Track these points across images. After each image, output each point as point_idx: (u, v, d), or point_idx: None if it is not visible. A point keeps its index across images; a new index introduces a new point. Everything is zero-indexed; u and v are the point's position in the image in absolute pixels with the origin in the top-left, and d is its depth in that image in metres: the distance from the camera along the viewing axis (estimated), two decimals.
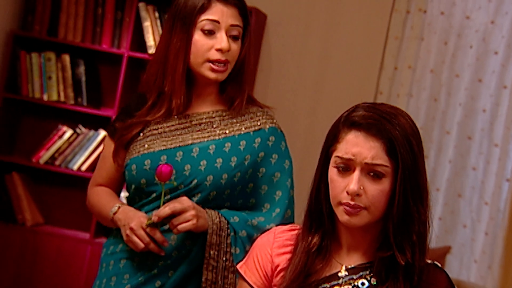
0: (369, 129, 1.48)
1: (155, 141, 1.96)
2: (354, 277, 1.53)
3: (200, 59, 1.87)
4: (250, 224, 1.94)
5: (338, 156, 1.52)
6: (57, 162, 3.96)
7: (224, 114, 1.98)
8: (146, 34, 3.89)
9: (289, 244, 1.60)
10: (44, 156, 3.97)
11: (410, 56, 4.01)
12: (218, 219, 1.91)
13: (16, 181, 4.01)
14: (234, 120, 1.97)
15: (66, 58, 4.00)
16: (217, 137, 1.95)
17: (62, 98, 3.97)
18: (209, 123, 1.96)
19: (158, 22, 3.88)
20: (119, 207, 1.95)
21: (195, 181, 1.92)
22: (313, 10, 4.07)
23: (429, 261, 1.53)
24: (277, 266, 1.60)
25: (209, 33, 1.85)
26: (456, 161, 4.02)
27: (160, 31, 3.86)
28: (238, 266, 1.66)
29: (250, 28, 1.92)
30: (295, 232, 1.62)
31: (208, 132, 1.96)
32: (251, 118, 2.00)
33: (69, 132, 3.97)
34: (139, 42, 3.94)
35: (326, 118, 4.04)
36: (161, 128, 1.96)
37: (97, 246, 3.85)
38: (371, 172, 1.49)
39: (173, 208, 1.85)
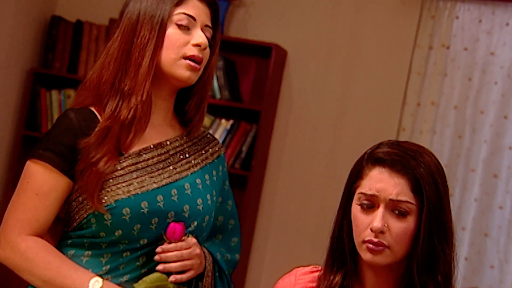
0: (394, 166, 1.45)
1: (144, 177, 1.64)
2: None
3: (175, 55, 1.65)
4: (226, 259, 1.78)
5: (362, 193, 1.48)
6: None
7: (186, 139, 1.74)
8: None
9: (311, 286, 1.56)
10: None
11: (433, 92, 3.96)
12: (211, 260, 1.72)
13: None
14: (198, 147, 1.76)
15: None
16: (196, 169, 1.72)
17: None
18: (181, 152, 1.72)
19: None
20: (100, 282, 1.58)
21: (195, 223, 1.69)
22: (334, 46, 4.04)
23: None
24: None
25: (185, 28, 1.66)
26: (482, 199, 3.93)
27: None
28: None
29: (218, 38, 1.74)
30: (317, 273, 1.58)
31: (186, 163, 1.72)
32: (208, 143, 1.79)
33: None
34: None
35: (347, 155, 3.98)
36: (142, 160, 1.65)
37: None
38: (396, 209, 1.45)
39: (180, 257, 1.62)
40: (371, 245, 1.44)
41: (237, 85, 3.97)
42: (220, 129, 3.89)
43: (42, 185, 1.59)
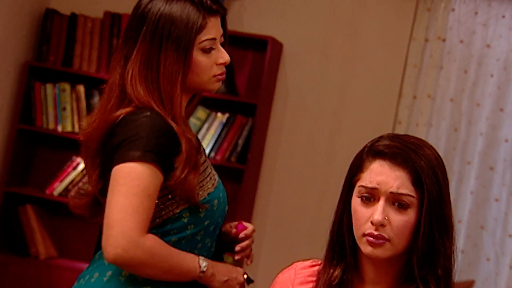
0: (395, 159, 1.44)
1: (211, 170, 1.81)
2: None
3: (206, 77, 1.77)
4: None
5: (362, 186, 1.47)
6: (72, 194, 3.91)
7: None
8: None
9: (311, 280, 1.55)
10: (58, 188, 3.93)
11: (430, 85, 3.95)
12: None
13: (29, 214, 3.96)
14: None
15: (81, 88, 3.97)
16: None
17: (77, 129, 3.94)
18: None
19: None
20: (205, 260, 1.76)
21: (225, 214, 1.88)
22: (331, 39, 4.03)
23: None
24: None
25: (209, 50, 1.76)
26: (478, 192, 3.93)
27: None
28: None
29: (227, 35, 1.84)
30: (316, 268, 1.56)
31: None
32: None
33: (83, 164, 3.93)
34: None
35: (344, 148, 3.98)
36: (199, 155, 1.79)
37: None
38: (396, 202, 1.44)
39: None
40: (371, 238, 1.43)
41: (233, 78, 3.96)
42: (216, 122, 3.88)
43: (150, 186, 1.65)
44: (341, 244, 1.50)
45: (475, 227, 3.95)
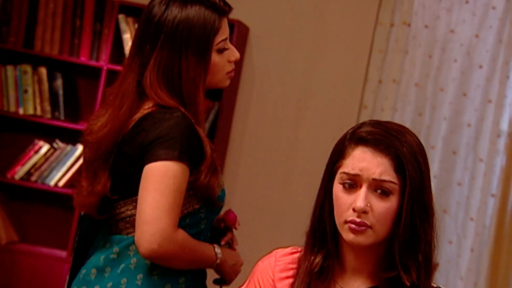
0: (377, 145, 1.44)
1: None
2: None
3: (221, 76, 1.85)
4: None
5: (344, 172, 1.46)
6: (33, 178, 3.85)
7: None
8: (126, 47, 3.81)
9: (291, 268, 1.54)
10: (20, 171, 3.86)
11: (395, 70, 3.97)
12: None
13: None
14: None
15: (43, 71, 3.90)
16: None
17: (39, 112, 3.87)
18: None
19: None
20: (218, 247, 1.89)
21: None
22: (297, 23, 4.01)
23: (434, 285, 1.48)
24: None
25: (223, 50, 1.84)
26: (441, 176, 3.98)
27: None
28: None
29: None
30: (297, 255, 1.56)
31: None
32: None
33: (45, 147, 3.87)
34: (118, 55, 3.85)
35: (310, 132, 3.98)
36: None
37: None
38: (378, 189, 1.44)
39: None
40: (353, 225, 1.43)
41: None
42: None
43: (182, 184, 1.72)
44: (323, 231, 1.49)
45: (438, 210, 3.90)
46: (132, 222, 1.78)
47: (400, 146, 1.43)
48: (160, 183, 1.69)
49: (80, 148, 3.83)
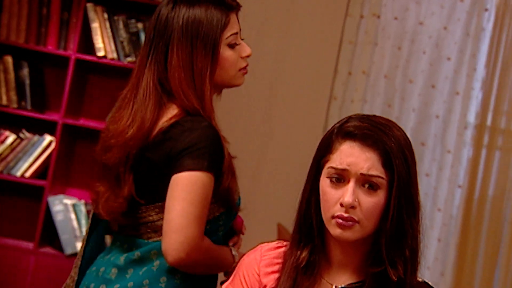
0: (365, 140, 1.43)
1: None
2: None
3: (233, 71, 1.89)
4: None
5: (332, 167, 1.45)
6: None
7: None
8: (95, 36, 3.76)
9: (277, 262, 1.53)
10: None
11: (364, 61, 3.99)
12: None
13: None
14: None
15: (9, 59, 3.82)
16: None
17: (5, 102, 3.80)
18: None
19: (107, 23, 3.75)
20: (233, 249, 1.94)
21: None
22: (267, 14, 4.00)
23: (420, 279, 1.48)
24: (265, 286, 1.53)
25: (234, 45, 1.87)
26: None
27: (110, 33, 3.73)
28: (223, 286, 1.58)
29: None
30: (282, 249, 1.55)
31: None
32: None
33: (12, 137, 3.80)
34: (87, 44, 3.80)
35: (280, 122, 3.98)
36: None
37: (42, 256, 3.69)
38: (366, 183, 1.44)
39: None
40: (341, 221, 1.43)
41: None
42: None
43: (209, 194, 1.76)
44: (309, 225, 1.49)
45: None
46: (153, 227, 1.79)
47: (388, 141, 1.42)
48: (189, 192, 1.71)
49: (47, 138, 3.77)
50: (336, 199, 1.44)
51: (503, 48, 3.93)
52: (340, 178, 1.44)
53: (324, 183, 1.46)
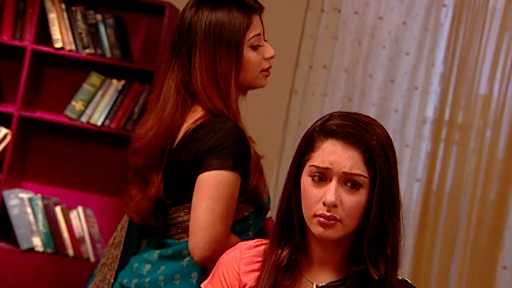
0: (347, 138, 1.43)
1: None
2: None
3: (256, 73, 1.91)
4: None
5: (314, 165, 1.44)
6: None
7: None
8: (52, 27, 3.68)
9: (257, 261, 1.52)
10: None
11: (325, 55, 3.99)
12: None
13: None
14: None
15: None
16: None
17: None
18: None
19: (65, 14, 3.67)
20: None
21: None
22: None
23: (400, 277, 1.49)
24: (245, 285, 1.51)
25: (257, 47, 1.89)
26: None
27: (68, 24, 3.66)
28: (202, 285, 1.56)
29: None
30: (262, 247, 1.54)
31: None
32: None
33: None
34: (43, 35, 3.72)
35: (242, 116, 3.96)
36: None
37: None
38: (348, 182, 1.43)
39: None
40: (323, 219, 1.42)
41: (128, 44, 3.83)
42: (111, 89, 3.75)
43: (235, 192, 1.78)
44: (290, 224, 1.48)
45: None
46: (183, 227, 1.81)
47: (371, 140, 1.42)
48: (214, 191, 1.73)
49: (3, 130, 3.69)
50: (318, 197, 1.43)
51: (460, 43, 3.98)
52: (322, 176, 1.44)
53: (306, 181, 1.45)
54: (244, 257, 1.52)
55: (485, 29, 3.97)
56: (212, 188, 1.73)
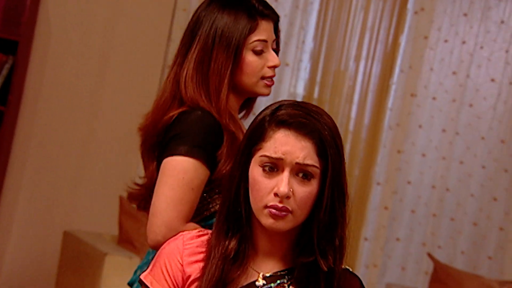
0: (300, 129, 1.41)
1: None
2: (273, 285, 1.45)
3: (255, 78, 1.87)
4: None
5: (265, 155, 1.41)
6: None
7: None
8: None
9: (200, 251, 1.47)
10: None
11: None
12: None
13: None
14: None
15: None
16: None
17: None
18: None
19: None
20: None
21: None
22: None
23: (343, 267, 1.49)
24: (189, 276, 1.46)
25: (260, 52, 1.86)
26: None
27: None
28: (142, 277, 1.49)
29: (279, 37, 1.96)
30: (205, 238, 1.49)
31: None
32: None
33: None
34: None
35: (112, 91, 3.83)
36: None
37: None
38: (301, 173, 1.41)
39: None
40: (274, 211, 1.39)
41: None
42: None
43: (194, 179, 1.74)
44: (238, 215, 1.44)
45: None
46: None
47: (322, 130, 1.41)
48: (169, 177, 1.73)
49: None
50: (269, 188, 1.40)
51: (329, 22, 4.07)
52: (273, 167, 1.41)
53: (256, 171, 1.42)
54: (187, 248, 1.47)
55: (352, 8, 4.08)
56: (167, 173, 1.74)
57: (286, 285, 1.44)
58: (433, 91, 4.18)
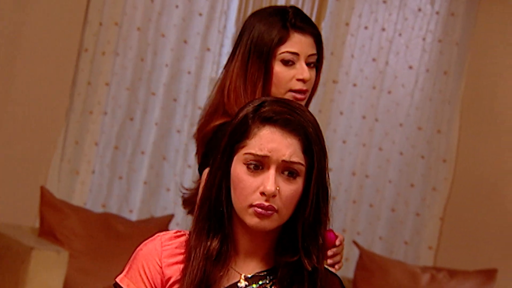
0: (286, 126, 1.37)
1: None
2: (255, 286, 1.40)
3: (283, 89, 1.88)
4: None
5: (250, 153, 1.36)
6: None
7: None
8: None
9: (180, 252, 1.40)
10: None
11: (116, 12, 3.77)
12: None
13: None
14: None
15: None
16: None
17: None
18: None
19: None
20: None
21: None
22: None
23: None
24: (169, 278, 1.39)
25: (289, 63, 1.87)
26: (162, 123, 3.93)
27: None
28: (118, 280, 1.40)
29: (322, 58, 1.95)
30: (183, 238, 1.42)
31: None
32: None
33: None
34: None
35: (24, 75, 3.63)
36: None
37: None
38: (286, 170, 1.36)
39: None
40: (260, 210, 1.34)
41: None
42: None
43: None
44: (220, 215, 1.37)
45: (158, 158, 3.96)
46: None
47: (307, 127, 1.37)
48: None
49: None
50: (254, 187, 1.34)
51: (251, 6, 4.01)
52: (258, 165, 1.35)
53: (240, 170, 1.35)
54: (166, 249, 1.40)
55: None
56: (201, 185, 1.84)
57: (268, 285, 1.40)
58: (353, 77, 4.20)
